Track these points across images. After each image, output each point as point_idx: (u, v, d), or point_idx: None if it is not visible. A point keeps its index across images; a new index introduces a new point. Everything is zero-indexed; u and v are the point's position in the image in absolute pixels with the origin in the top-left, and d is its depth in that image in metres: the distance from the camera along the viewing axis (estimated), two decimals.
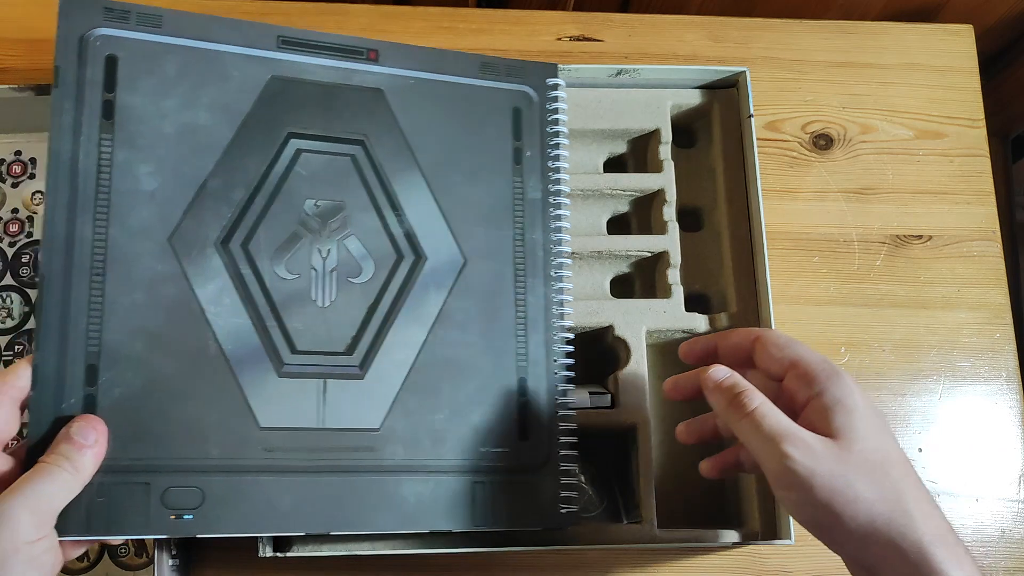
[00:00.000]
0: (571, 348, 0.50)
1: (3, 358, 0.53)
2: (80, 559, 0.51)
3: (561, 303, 0.50)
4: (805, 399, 0.42)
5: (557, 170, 0.51)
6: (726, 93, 0.58)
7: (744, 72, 0.57)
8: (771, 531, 0.51)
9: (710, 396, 0.44)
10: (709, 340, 0.48)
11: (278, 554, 0.48)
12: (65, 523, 0.39)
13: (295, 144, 0.47)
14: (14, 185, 0.57)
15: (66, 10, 0.44)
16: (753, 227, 0.55)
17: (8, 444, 0.40)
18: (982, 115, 0.65)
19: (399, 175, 0.49)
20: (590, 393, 0.52)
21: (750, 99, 0.56)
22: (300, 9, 0.63)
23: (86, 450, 0.40)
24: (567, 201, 0.51)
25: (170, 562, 0.48)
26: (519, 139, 0.51)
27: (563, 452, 0.48)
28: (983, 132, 0.64)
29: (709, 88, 0.58)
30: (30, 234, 0.56)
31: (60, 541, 0.39)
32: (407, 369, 0.47)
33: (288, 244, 0.46)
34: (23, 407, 0.41)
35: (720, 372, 0.44)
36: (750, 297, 0.54)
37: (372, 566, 0.52)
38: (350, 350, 0.46)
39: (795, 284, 0.60)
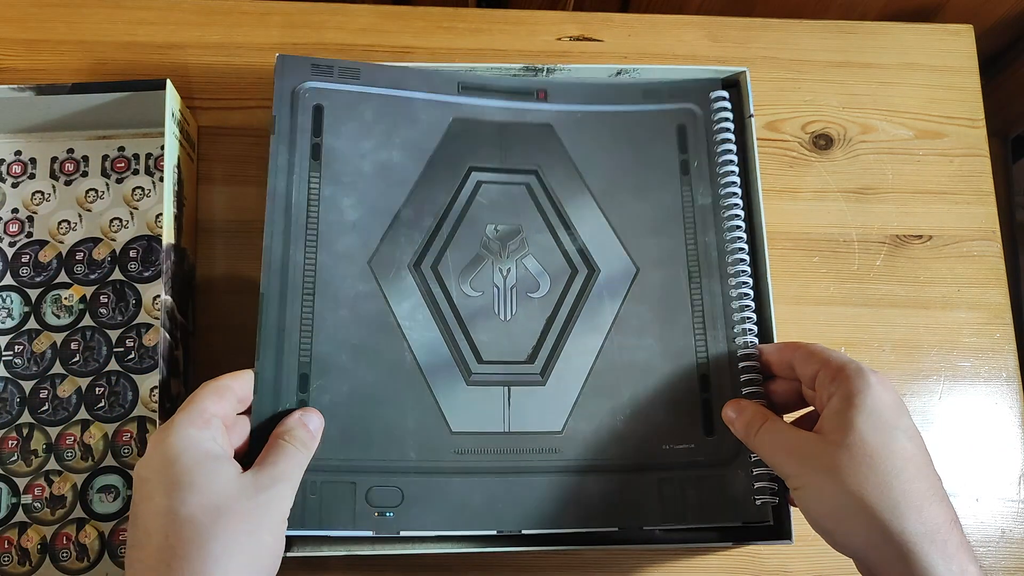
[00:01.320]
0: (755, 340, 0.51)
1: (3, 358, 0.53)
2: (80, 559, 0.51)
3: (742, 296, 0.52)
4: (827, 396, 0.43)
5: (728, 174, 0.54)
6: None
7: (744, 72, 0.57)
8: (771, 531, 0.51)
9: (733, 430, 0.48)
10: (761, 349, 0.50)
11: None
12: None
13: (476, 176, 0.53)
14: (14, 185, 0.57)
15: (281, 68, 0.52)
16: (753, 227, 0.55)
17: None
18: (982, 115, 0.65)
19: (570, 199, 0.53)
20: None
21: (750, 99, 0.56)
22: (301, 9, 0.63)
23: (313, 435, 0.45)
24: (740, 202, 0.54)
25: None
26: (685, 152, 0.54)
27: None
28: (983, 132, 0.64)
29: None
30: (30, 234, 0.56)
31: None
32: (586, 374, 0.50)
33: (472, 265, 0.51)
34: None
35: (734, 406, 0.48)
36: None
37: (372, 566, 0.52)
38: (531, 359, 0.50)
39: (795, 284, 0.60)
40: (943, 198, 0.63)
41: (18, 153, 0.57)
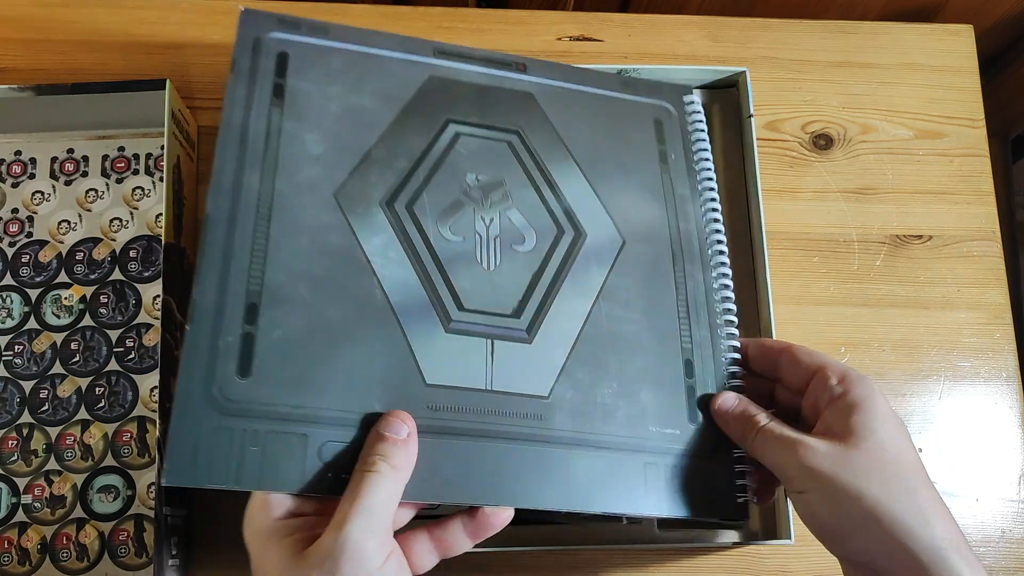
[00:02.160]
0: (737, 333, 0.49)
1: (3, 358, 0.53)
2: (80, 559, 0.51)
3: (723, 288, 0.50)
4: (828, 400, 0.42)
5: (704, 170, 0.53)
6: (726, 93, 0.58)
7: (744, 72, 0.57)
8: (771, 531, 0.51)
9: (723, 425, 0.46)
10: (744, 343, 0.48)
11: None
12: (209, 472, 0.38)
13: (454, 128, 0.49)
14: (14, 185, 0.57)
15: (245, 20, 0.48)
16: (753, 227, 0.55)
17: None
18: (982, 115, 0.65)
19: (554, 162, 0.50)
20: None
21: (750, 99, 0.56)
22: (301, 9, 0.63)
23: (400, 445, 0.39)
24: (717, 198, 0.52)
25: (170, 562, 0.48)
26: (663, 143, 0.53)
27: None
28: (983, 132, 0.64)
29: (709, 88, 0.59)
30: (30, 234, 0.56)
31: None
32: (574, 338, 0.46)
33: (452, 210, 0.47)
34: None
35: (729, 399, 0.46)
36: (750, 297, 0.54)
37: None
38: (517, 313, 0.45)
39: (795, 284, 0.60)
40: (943, 198, 0.63)
41: (18, 153, 0.57)
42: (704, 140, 0.54)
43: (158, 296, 0.53)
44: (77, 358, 0.53)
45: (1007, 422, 0.59)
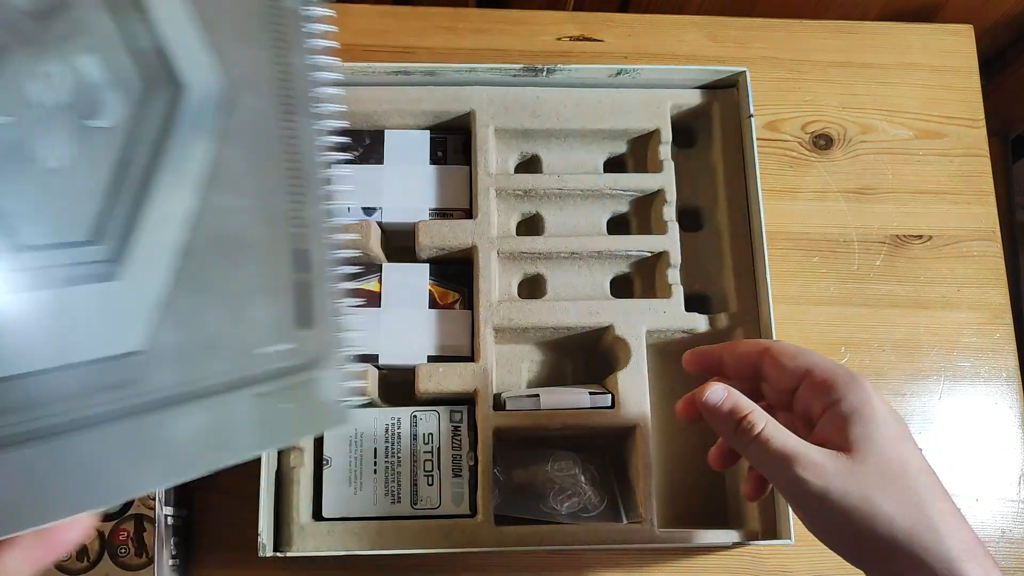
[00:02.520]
0: (336, 197, 0.37)
1: None
2: (80, 559, 0.51)
3: (324, 147, 0.37)
4: (821, 409, 0.39)
5: None
6: (726, 93, 0.58)
7: (744, 72, 0.57)
8: (771, 531, 0.51)
9: (709, 419, 0.41)
10: (713, 351, 0.44)
11: (278, 554, 0.48)
12: None
13: None
14: None
15: None
16: (753, 227, 0.55)
17: None
18: (982, 115, 0.65)
19: None
20: (590, 393, 0.52)
21: (750, 99, 0.56)
22: None
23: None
24: (331, 13, 0.37)
25: (170, 562, 0.48)
26: None
27: (346, 333, 0.37)
28: (983, 132, 0.64)
29: (709, 88, 0.58)
30: None
31: None
32: (178, 255, 0.32)
33: None
34: None
35: (717, 391, 0.41)
36: (750, 297, 0.54)
37: (372, 566, 0.52)
38: (97, 236, 0.30)
39: (795, 284, 0.60)
40: (943, 198, 0.63)
41: None
42: None
43: None
44: None
45: (1007, 422, 0.59)
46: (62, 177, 0.30)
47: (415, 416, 0.52)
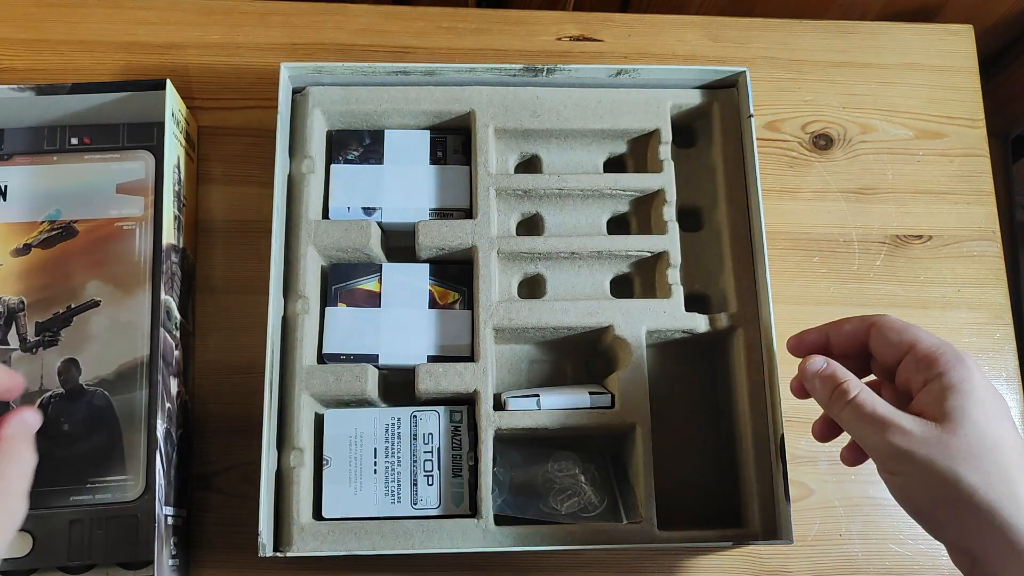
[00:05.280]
0: None
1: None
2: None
3: None
4: (923, 382, 0.40)
5: None
6: (726, 93, 0.58)
7: (744, 72, 0.57)
8: (771, 531, 0.51)
9: (809, 386, 0.44)
10: (820, 331, 0.46)
11: (278, 554, 0.48)
12: None
13: None
14: None
15: None
16: (753, 227, 0.55)
17: None
18: (982, 115, 0.65)
19: None
20: (590, 393, 0.52)
21: (750, 99, 0.56)
22: (300, 9, 0.63)
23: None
24: None
25: (170, 562, 0.48)
26: None
27: None
28: (983, 132, 0.64)
29: (709, 88, 0.59)
30: None
31: None
32: None
33: None
34: None
35: (817, 362, 0.43)
36: (750, 297, 0.54)
37: (372, 566, 0.52)
38: None
39: (795, 284, 0.60)
40: (943, 198, 0.63)
41: None
42: None
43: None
44: None
45: None
46: None
47: (415, 416, 0.52)
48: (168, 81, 0.53)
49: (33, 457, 0.41)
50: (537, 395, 0.51)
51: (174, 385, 0.51)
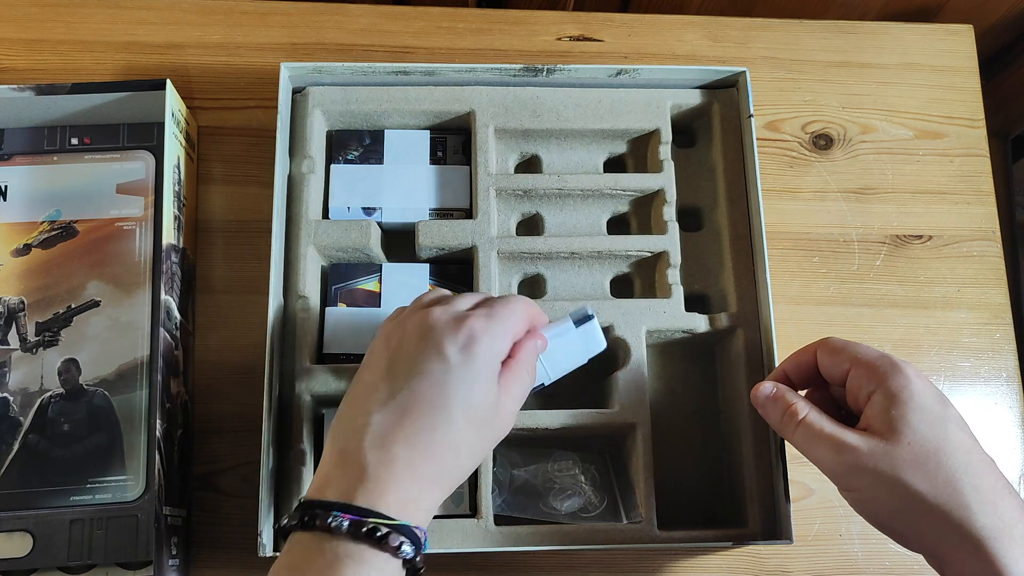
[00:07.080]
0: None
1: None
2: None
3: None
4: (867, 396, 0.42)
5: None
6: (726, 93, 0.58)
7: (744, 72, 0.57)
8: (771, 531, 0.51)
9: (762, 411, 0.45)
10: (777, 370, 0.48)
11: (278, 554, 0.48)
12: None
13: None
14: None
15: None
16: (753, 227, 0.55)
17: None
18: (982, 115, 0.65)
19: None
20: (574, 322, 0.49)
21: (750, 99, 0.56)
22: (301, 9, 0.63)
23: None
24: None
25: (170, 562, 0.48)
26: None
27: None
28: (983, 132, 0.64)
29: (709, 88, 0.59)
30: None
31: None
32: None
33: None
34: None
35: (766, 387, 0.45)
36: (750, 297, 0.54)
37: None
38: None
39: (795, 284, 0.60)
40: (943, 198, 0.63)
41: None
42: None
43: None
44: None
45: (1007, 422, 0.59)
46: None
47: None
48: (168, 81, 0.53)
49: (533, 380, 0.44)
50: (542, 384, 0.49)
51: (174, 385, 0.51)
